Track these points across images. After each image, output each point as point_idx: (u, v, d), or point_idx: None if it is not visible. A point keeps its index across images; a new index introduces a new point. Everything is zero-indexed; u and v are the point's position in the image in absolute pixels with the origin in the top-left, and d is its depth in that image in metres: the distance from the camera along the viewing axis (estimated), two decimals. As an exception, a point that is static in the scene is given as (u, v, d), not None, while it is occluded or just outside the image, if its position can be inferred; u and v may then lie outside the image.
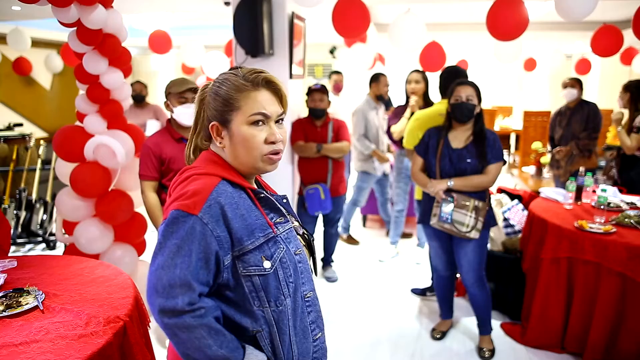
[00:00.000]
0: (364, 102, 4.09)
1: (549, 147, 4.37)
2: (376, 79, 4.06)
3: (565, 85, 4.11)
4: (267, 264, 1.04)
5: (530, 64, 7.98)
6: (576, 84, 4.07)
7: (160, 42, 5.29)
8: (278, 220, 1.11)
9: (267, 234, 1.06)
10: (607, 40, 4.31)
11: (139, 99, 4.67)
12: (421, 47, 4.41)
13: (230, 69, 1.14)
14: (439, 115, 2.78)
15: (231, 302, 1.05)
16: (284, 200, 1.26)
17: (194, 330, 0.97)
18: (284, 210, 1.15)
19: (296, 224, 1.21)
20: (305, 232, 1.23)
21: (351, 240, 4.53)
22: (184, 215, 0.99)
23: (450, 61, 4.05)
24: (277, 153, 1.10)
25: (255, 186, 1.20)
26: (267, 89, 1.09)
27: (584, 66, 6.96)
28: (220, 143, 1.09)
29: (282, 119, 1.12)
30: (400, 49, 3.99)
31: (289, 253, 1.09)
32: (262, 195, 1.10)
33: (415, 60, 5.16)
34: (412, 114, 3.46)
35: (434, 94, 3.40)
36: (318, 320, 1.15)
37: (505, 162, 2.52)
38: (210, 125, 1.09)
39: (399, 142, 3.79)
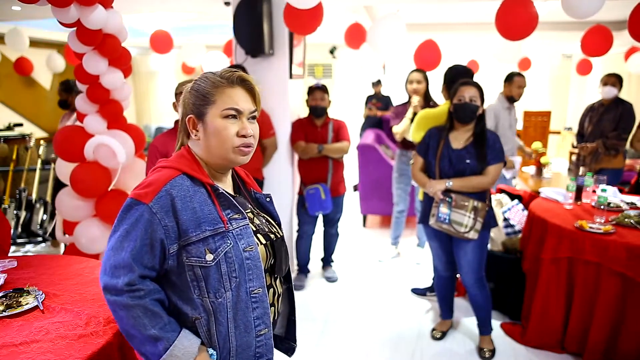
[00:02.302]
0: (496, 101, 3.93)
1: (575, 142, 4.22)
2: (510, 79, 3.91)
3: (605, 83, 3.95)
4: (209, 257, 1.10)
5: (524, 64, 7.97)
6: (617, 82, 3.90)
7: (161, 42, 5.29)
8: (234, 216, 1.16)
9: (216, 228, 1.12)
10: (597, 40, 4.28)
11: (65, 106, 4.09)
12: (403, 49, 4.32)
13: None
14: (443, 117, 2.77)
15: (176, 288, 1.13)
16: (267, 199, 1.34)
17: (130, 309, 1.07)
18: (248, 210, 1.23)
19: (263, 221, 1.26)
20: (276, 233, 1.27)
21: None
22: (136, 203, 1.08)
23: (450, 61, 4.03)
24: (248, 146, 1.16)
25: (232, 181, 1.28)
26: (241, 87, 1.16)
27: (585, 66, 6.94)
28: (195, 135, 1.16)
29: (254, 117, 1.19)
30: (379, 52, 3.93)
31: (236, 249, 1.13)
32: (220, 191, 1.16)
33: (408, 59, 5.14)
34: (414, 114, 3.45)
35: (436, 92, 3.39)
36: (264, 317, 1.18)
37: (505, 163, 2.51)
38: (187, 118, 1.17)
39: (399, 142, 3.79)
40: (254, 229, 1.20)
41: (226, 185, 1.25)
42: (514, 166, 3.86)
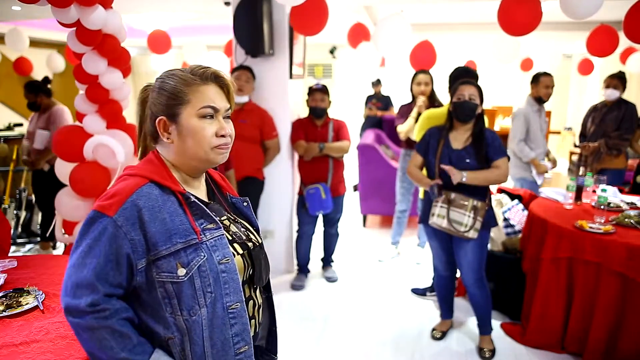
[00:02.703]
0: (525, 103, 3.79)
1: (577, 142, 4.19)
2: (536, 79, 3.77)
3: (607, 85, 3.93)
4: (181, 272, 1.01)
5: (527, 64, 7.97)
6: (619, 84, 3.88)
7: (159, 42, 5.27)
8: (208, 226, 1.07)
9: (188, 240, 1.03)
10: (603, 40, 4.29)
11: (34, 107, 4.04)
12: (407, 49, 4.32)
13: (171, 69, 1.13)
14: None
15: (146, 305, 1.05)
16: (245, 204, 1.26)
17: (95, 331, 0.98)
18: (224, 217, 1.15)
19: (240, 229, 1.18)
20: (254, 240, 1.19)
21: None
22: (100, 216, 0.99)
23: (449, 62, 4.03)
24: (226, 145, 1.10)
25: (206, 186, 1.19)
26: (215, 84, 1.09)
27: (586, 66, 6.94)
28: (167, 139, 1.08)
29: (229, 115, 1.12)
30: (385, 52, 3.92)
31: (210, 262, 1.04)
32: (192, 200, 1.07)
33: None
34: (418, 114, 3.45)
35: (443, 94, 3.39)
36: (244, 334, 1.10)
37: (508, 158, 2.51)
38: (157, 120, 1.08)
39: (404, 142, 3.79)
40: (230, 238, 1.12)
41: (199, 191, 1.16)
42: (547, 170, 3.70)
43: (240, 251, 1.13)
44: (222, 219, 1.14)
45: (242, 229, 1.19)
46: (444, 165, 2.45)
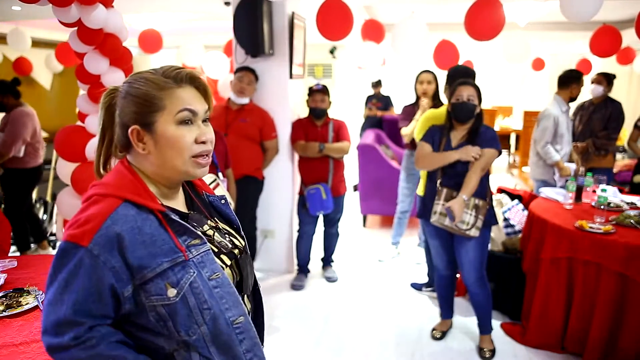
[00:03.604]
0: (554, 104, 3.68)
1: None
2: (578, 79, 3.71)
3: (592, 81, 3.96)
4: (171, 292, 0.93)
5: (538, 64, 7.95)
6: (603, 80, 3.88)
7: (150, 41, 5.23)
8: (192, 242, 0.98)
9: (174, 259, 0.95)
10: (605, 40, 4.31)
11: (1, 108, 3.95)
12: (424, 50, 4.38)
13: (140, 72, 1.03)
14: None
15: (141, 328, 0.98)
16: (222, 201, 1.18)
17: None
18: (206, 225, 1.07)
19: (224, 237, 1.11)
20: (239, 246, 1.12)
21: None
22: (73, 246, 0.90)
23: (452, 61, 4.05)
24: (207, 154, 1.01)
25: (184, 194, 1.11)
26: (191, 86, 1.00)
27: (584, 66, 6.95)
28: (143, 150, 0.98)
29: (207, 117, 1.03)
30: (402, 54, 3.96)
31: (201, 278, 0.97)
32: (171, 217, 0.98)
33: (417, 60, 5.16)
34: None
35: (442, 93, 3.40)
36: (255, 349, 1.03)
37: (500, 153, 2.50)
38: (130, 130, 0.97)
39: (409, 143, 3.79)
40: (216, 250, 1.04)
41: (177, 202, 1.07)
42: (570, 174, 3.54)
43: (228, 262, 1.06)
44: (205, 229, 1.06)
45: (226, 236, 1.11)
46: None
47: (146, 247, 0.93)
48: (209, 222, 1.09)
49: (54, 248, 4.35)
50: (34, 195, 4.60)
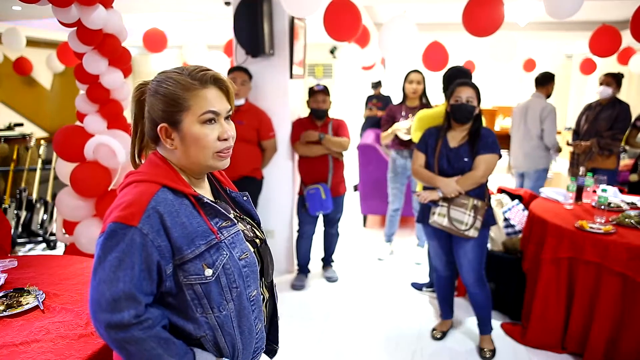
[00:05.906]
0: (545, 100, 4.12)
1: (570, 141, 4.25)
2: (551, 80, 4.19)
3: (600, 82, 3.97)
4: (208, 272, 1.03)
5: (529, 65, 7.96)
6: (612, 81, 3.91)
7: (155, 41, 5.24)
8: (223, 224, 1.09)
9: (209, 241, 1.04)
10: (605, 40, 4.30)
11: None
12: (413, 50, 4.37)
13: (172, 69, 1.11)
14: (442, 117, 2.78)
15: (174, 308, 1.05)
16: (244, 198, 1.26)
17: (143, 343, 0.97)
18: (232, 214, 1.14)
19: (247, 226, 1.20)
20: (260, 237, 1.21)
21: None
22: (123, 227, 0.97)
23: (454, 62, 4.04)
24: (228, 149, 1.10)
25: (210, 186, 1.21)
26: (215, 87, 1.07)
27: (588, 66, 6.93)
28: (171, 145, 1.07)
29: (229, 115, 1.12)
30: (390, 54, 3.95)
31: (232, 259, 1.07)
32: (204, 201, 1.08)
33: (414, 60, 5.15)
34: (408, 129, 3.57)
35: (437, 94, 3.41)
36: (260, 314, 1.16)
37: (501, 156, 2.51)
38: (159, 127, 1.06)
39: (395, 143, 3.83)
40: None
41: (205, 190, 1.17)
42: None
43: (251, 249, 1.15)
44: (231, 216, 1.15)
45: (248, 226, 1.20)
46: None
47: (184, 228, 1.02)
48: (233, 212, 1.19)
49: (53, 248, 4.35)
50: (34, 195, 4.61)
